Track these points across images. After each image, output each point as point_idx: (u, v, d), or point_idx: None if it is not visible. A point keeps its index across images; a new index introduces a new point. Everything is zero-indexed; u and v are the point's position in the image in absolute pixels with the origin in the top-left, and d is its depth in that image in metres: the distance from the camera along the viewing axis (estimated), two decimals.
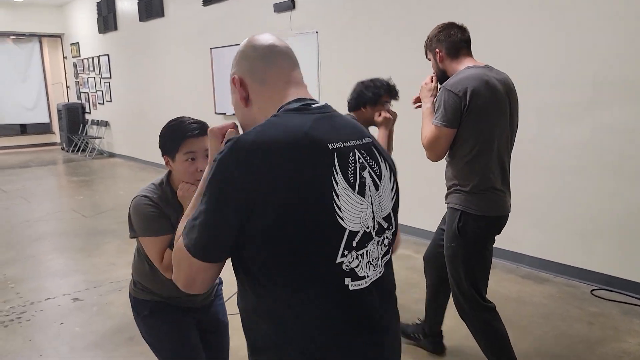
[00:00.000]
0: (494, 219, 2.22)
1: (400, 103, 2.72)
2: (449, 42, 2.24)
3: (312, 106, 1.04)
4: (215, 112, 7.32)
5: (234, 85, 1.09)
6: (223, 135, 1.10)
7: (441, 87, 2.16)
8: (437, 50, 2.27)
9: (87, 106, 12.11)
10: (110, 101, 10.97)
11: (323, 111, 1.05)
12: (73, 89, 12.83)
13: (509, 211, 2.27)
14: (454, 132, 2.13)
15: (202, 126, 1.69)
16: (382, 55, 4.80)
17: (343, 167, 0.98)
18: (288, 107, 1.03)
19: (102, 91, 11.20)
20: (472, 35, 2.33)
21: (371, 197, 1.03)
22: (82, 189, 7.69)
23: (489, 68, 2.20)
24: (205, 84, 7.45)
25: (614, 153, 3.39)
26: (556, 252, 3.77)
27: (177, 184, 1.70)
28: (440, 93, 2.15)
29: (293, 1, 5.69)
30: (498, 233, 2.29)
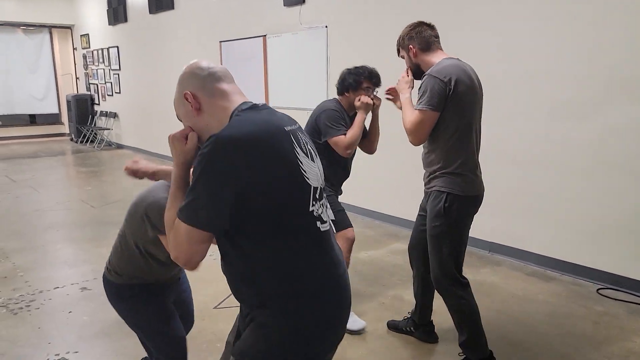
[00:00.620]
0: (474, 199, 2.41)
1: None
2: (421, 38, 2.42)
3: (259, 105, 1.35)
4: None
5: (186, 99, 1.34)
6: (185, 137, 1.35)
7: (426, 75, 2.31)
8: (411, 46, 2.45)
9: (96, 97, 12.17)
10: (119, 93, 11.02)
11: (267, 108, 1.36)
12: (82, 80, 12.89)
13: (483, 191, 2.47)
14: (437, 116, 2.28)
15: None
16: (392, 49, 4.77)
17: (297, 143, 1.31)
18: (242, 109, 1.31)
19: (111, 83, 11.25)
20: (482, 30, 2.34)
21: (317, 163, 1.37)
22: (91, 180, 7.74)
23: (460, 61, 2.38)
24: None
25: (623, 152, 3.37)
26: (563, 251, 3.76)
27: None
28: (425, 80, 2.30)
29: None
30: (476, 212, 2.47)
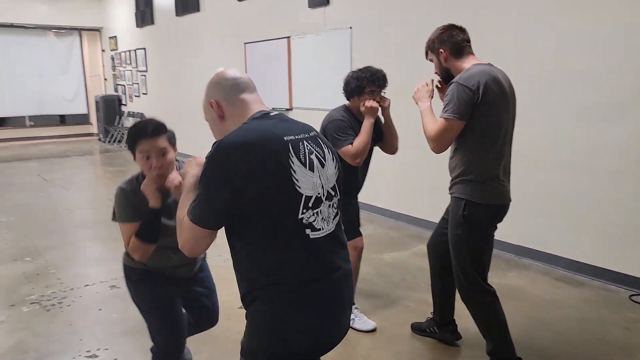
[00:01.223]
0: (496, 208, 2.35)
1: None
2: (452, 42, 2.34)
3: (271, 114, 1.46)
4: None
5: (212, 107, 1.48)
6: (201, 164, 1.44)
7: (453, 82, 2.25)
8: (441, 50, 2.37)
9: (124, 98, 12.40)
10: (145, 94, 11.20)
11: (279, 117, 1.47)
12: (110, 81, 13.15)
13: (510, 200, 2.41)
14: (462, 125, 2.23)
15: (157, 128, 1.90)
16: (417, 51, 4.75)
17: (296, 152, 1.37)
18: (253, 117, 1.44)
19: (138, 84, 11.45)
20: (508, 32, 2.31)
21: (319, 172, 1.42)
22: (118, 179, 7.80)
23: (492, 66, 2.32)
24: None
25: None
26: (593, 255, 3.68)
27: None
28: (452, 87, 2.24)
29: None
30: (500, 221, 2.42)
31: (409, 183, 5.06)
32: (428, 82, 2.51)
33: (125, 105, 12.37)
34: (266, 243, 1.36)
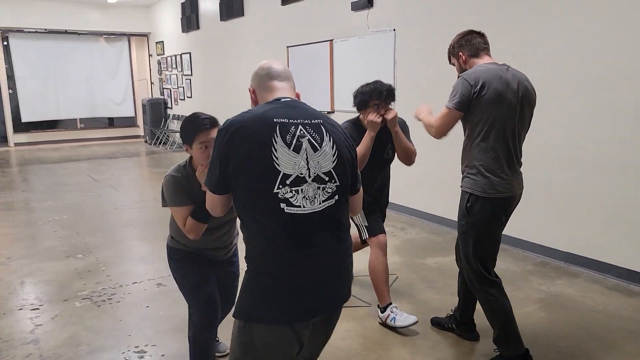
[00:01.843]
0: (499, 200, 2.44)
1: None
2: (470, 46, 2.52)
3: (281, 100, 1.61)
4: None
5: (250, 93, 1.74)
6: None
7: (459, 76, 2.45)
8: (461, 54, 2.55)
9: (169, 101, 12.75)
10: (190, 97, 11.48)
11: (286, 103, 1.60)
12: (157, 85, 13.56)
13: (516, 193, 2.50)
14: (460, 115, 2.43)
15: (212, 121, 2.10)
16: None
17: (282, 133, 1.51)
18: (267, 102, 1.62)
19: (183, 87, 11.75)
20: (560, 31, 2.24)
21: (307, 155, 1.53)
22: None
23: (506, 67, 2.45)
24: None
25: None
26: None
27: (196, 166, 2.12)
28: (457, 81, 2.43)
29: None
30: (505, 213, 2.51)
31: (454, 187, 4.97)
32: (425, 107, 2.71)
33: (170, 108, 12.71)
34: (249, 212, 1.52)
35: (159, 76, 13.25)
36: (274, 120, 1.52)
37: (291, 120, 1.54)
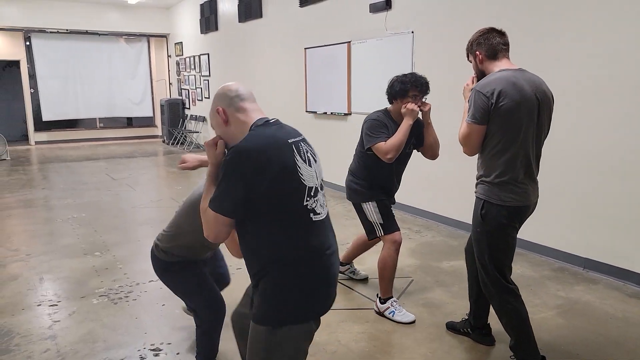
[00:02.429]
0: (514, 209, 2.41)
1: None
2: (488, 45, 2.45)
3: (270, 121, 1.72)
4: (306, 111, 7.48)
5: (218, 113, 1.75)
6: (215, 144, 1.74)
7: (473, 88, 2.40)
8: (477, 52, 2.49)
9: (187, 102, 12.86)
10: (208, 98, 11.56)
11: (277, 124, 1.74)
12: (175, 86, 13.68)
13: (531, 202, 2.46)
14: (483, 129, 2.37)
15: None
16: None
17: (297, 152, 1.65)
18: (257, 124, 1.70)
19: (201, 88, 11.84)
20: (583, 34, 2.20)
21: (314, 167, 1.71)
22: (181, 180, 8.18)
23: (522, 71, 2.38)
24: (298, 84, 7.63)
25: None
26: None
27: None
28: (471, 93, 2.38)
29: (389, 1, 5.66)
30: (519, 222, 2.48)
31: (470, 191, 4.93)
32: (470, 82, 2.60)
33: (188, 108, 12.82)
34: (277, 228, 1.62)
35: (178, 77, 13.38)
36: (288, 141, 1.66)
37: (294, 138, 1.69)
